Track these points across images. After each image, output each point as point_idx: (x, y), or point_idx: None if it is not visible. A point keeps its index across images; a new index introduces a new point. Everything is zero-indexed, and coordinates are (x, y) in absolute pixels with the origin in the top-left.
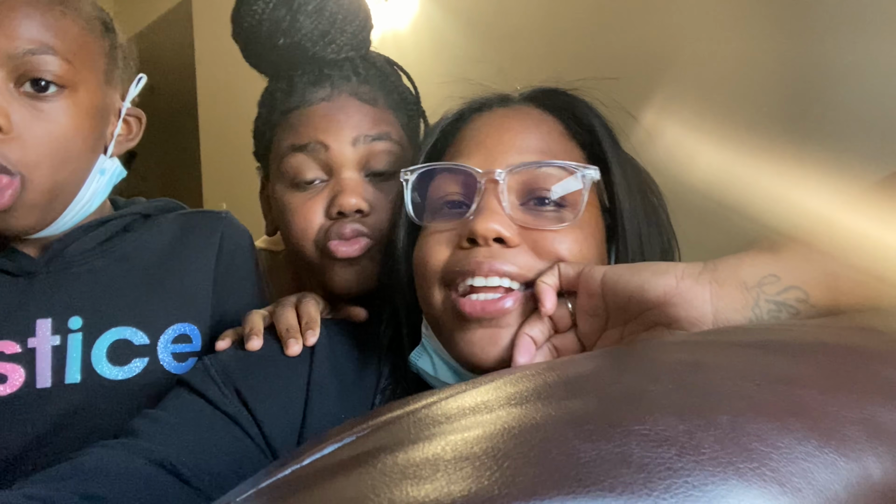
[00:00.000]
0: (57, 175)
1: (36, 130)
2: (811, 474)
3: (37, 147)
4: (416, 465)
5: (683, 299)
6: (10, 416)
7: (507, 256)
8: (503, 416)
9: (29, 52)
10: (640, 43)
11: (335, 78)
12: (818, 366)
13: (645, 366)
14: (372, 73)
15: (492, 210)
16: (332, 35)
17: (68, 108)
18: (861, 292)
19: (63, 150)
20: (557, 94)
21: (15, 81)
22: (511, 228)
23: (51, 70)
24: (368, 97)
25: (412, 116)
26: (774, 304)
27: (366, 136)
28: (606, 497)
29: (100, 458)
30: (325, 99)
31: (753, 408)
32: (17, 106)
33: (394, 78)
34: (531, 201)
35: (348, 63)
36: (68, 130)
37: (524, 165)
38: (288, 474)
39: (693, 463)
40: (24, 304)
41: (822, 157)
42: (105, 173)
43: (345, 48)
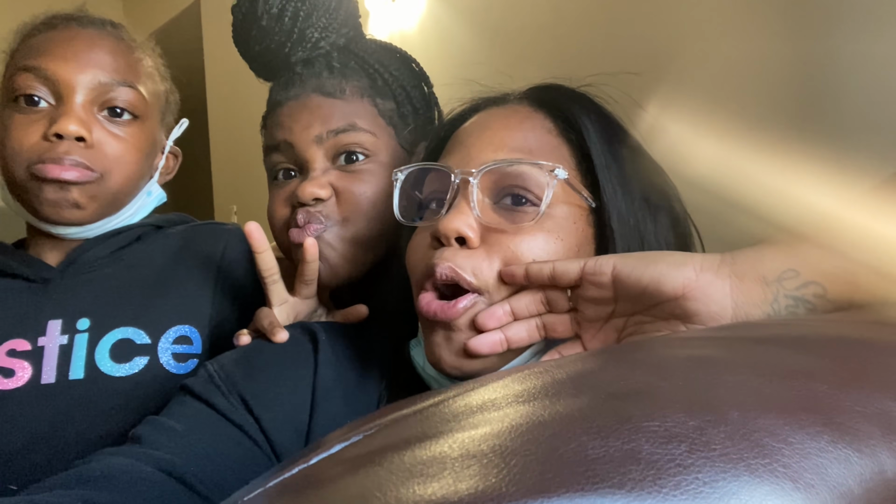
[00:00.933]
0: (123, 184)
1: (110, 146)
2: (824, 470)
3: (110, 158)
4: (422, 464)
5: (703, 293)
6: (14, 409)
7: (465, 258)
8: (511, 413)
9: (115, 84)
10: (647, 41)
11: (304, 76)
12: (831, 360)
13: (654, 362)
14: (350, 63)
15: (459, 210)
16: (299, 34)
17: (134, 134)
18: (877, 287)
19: (131, 165)
20: (551, 89)
21: (98, 106)
22: (473, 228)
23: (128, 101)
24: (334, 90)
25: (406, 99)
26: (793, 299)
27: (329, 131)
28: (615, 494)
29: (107, 466)
30: (292, 98)
31: (765, 403)
32: (97, 125)
33: (379, 65)
34: (506, 199)
35: (322, 58)
36: (132, 151)
37: (494, 164)
38: (295, 473)
39: (703, 459)
40: (38, 306)
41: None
42: (151, 195)
43: (319, 43)
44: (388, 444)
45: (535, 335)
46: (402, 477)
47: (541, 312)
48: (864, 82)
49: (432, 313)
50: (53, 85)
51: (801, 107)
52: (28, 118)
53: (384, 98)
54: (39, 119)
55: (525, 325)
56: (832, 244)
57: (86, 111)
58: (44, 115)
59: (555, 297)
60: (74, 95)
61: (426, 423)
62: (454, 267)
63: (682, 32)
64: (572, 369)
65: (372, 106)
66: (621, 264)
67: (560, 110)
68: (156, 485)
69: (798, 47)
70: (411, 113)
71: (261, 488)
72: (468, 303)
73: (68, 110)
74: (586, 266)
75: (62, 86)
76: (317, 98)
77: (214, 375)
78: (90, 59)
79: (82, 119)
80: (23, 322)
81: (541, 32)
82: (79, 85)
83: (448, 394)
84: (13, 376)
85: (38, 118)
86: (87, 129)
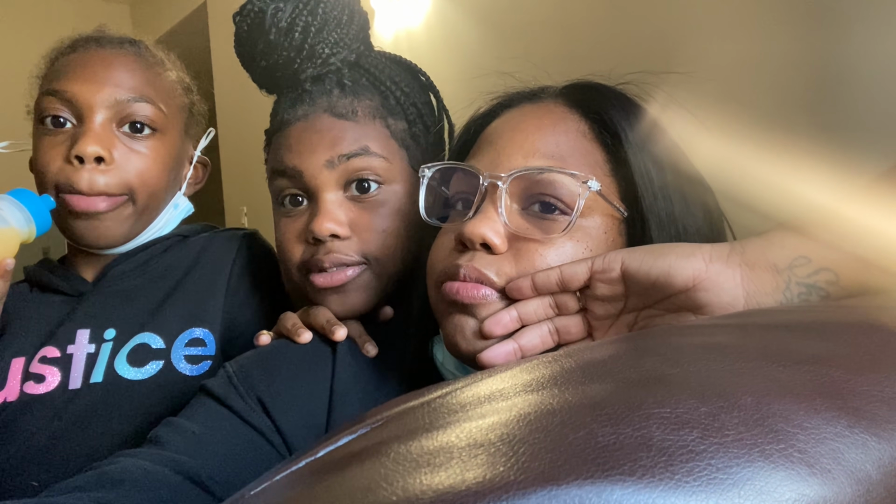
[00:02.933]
0: (150, 200)
1: (132, 163)
2: (841, 455)
3: (133, 174)
4: (429, 454)
5: (714, 283)
6: (42, 412)
7: (491, 262)
8: (519, 403)
9: (133, 100)
10: (655, 36)
11: (314, 94)
12: (846, 345)
13: (664, 350)
14: (362, 81)
15: (485, 215)
16: (309, 49)
17: (157, 148)
18: (889, 273)
19: (154, 180)
20: (589, 89)
21: (117, 123)
22: (500, 235)
23: (147, 115)
24: (346, 111)
25: (417, 117)
26: (805, 286)
27: (340, 155)
28: (626, 481)
29: (124, 468)
30: (301, 118)
31: (779, 389)
32: (118, 143)
33: (391, 82)
34: (534, 206)
35: (332, 75)
36: (155, 165)
37: (525, 171)
38: (302, 466)
39: (716, 445)
40: (71, 317)
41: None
42: (178, 207)
43: (330, 59)
44: (395, 435)
45: (549, 341)
46: (408, 467)
47: (550, 316)
48: (874, 80)
49: (455, 291)
50: (74, 107)
51: (811, 104)
52: (53, 140)
53: (396, 118)
54: (63, 140)
55: (538, 332)
56: (842, 230)
57: (105, 129)
58: (67, 136)
59: (564, 299)
60: (94, 115)
61: (433, 414)
62: (478, 269)
63: (691, 27)
64: (581, 358)
65: (384, 128)
66: (629, 259)
67: (597, 112)
68: (172, 487)
69: (808, 44)
70: (423, 132)
71: (268, 482)
72: (488, 293)
73: (87, 130)
74: (594, 265)
75: (82, 107)
76: (327, 119)
77: (233, 377)
78: (107, 78)
79: (101, 138)
80: (56, 331)
81: (547, 28)
82: (97, 105)
83: (456, 385)
84: (44, 381)
85: (61, 140)
86: (105, 149)
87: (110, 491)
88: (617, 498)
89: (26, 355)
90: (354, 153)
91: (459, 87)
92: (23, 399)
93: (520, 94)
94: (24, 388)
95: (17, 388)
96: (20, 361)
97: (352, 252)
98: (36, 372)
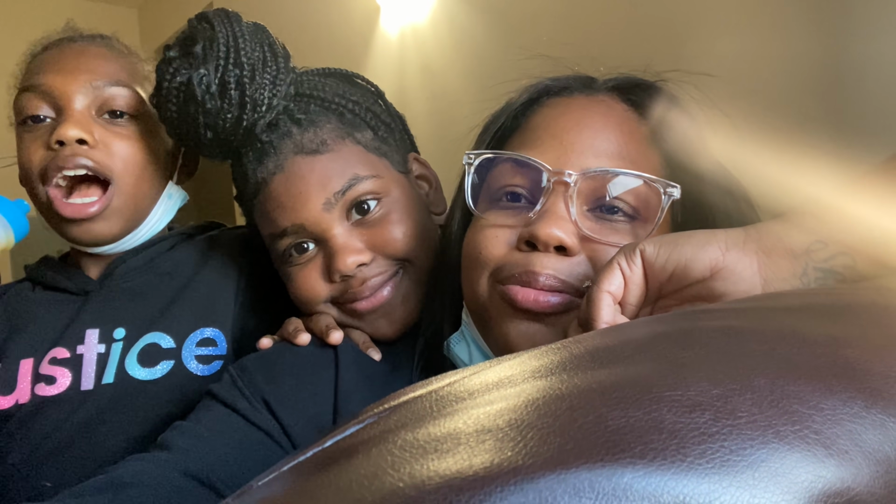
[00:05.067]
0: (139, 185)
1: (115, 145)
2: (858, 436)
3: (119, 157)
4: (436, 440)
5: (731, 272)
6: (54, 413)
7: (566, 266)
8: (527, 389)
9: (108, 84)
10: (662, 29)
11: (275, 142)
12: (861, 326)
13: (675, 334)
14: (312, 108)
15: (557, 215)
16: (251, 101)
17: (139, 132)
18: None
19: (141, 163)
20: (644, 88)
21: (96, 110)
22: (574, 237)
23: (125, 100)
24: (315, 145)
25: (376, 121)
26: (822, 271)
27: (335, 193)
28: (637, 464)
29: (134, 472)
30: (275, 172)
31: (793, 370)
32: (98, 127)
33: (338, 98)
34: (600, 209)
35: (284, 115)
36: (141, 148)
37: (599, 171)
38: (309, 456)
39: (729, 427)
40: (78, 316)
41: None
42: (172, 197)
43: (274, 100)
44: (402, 423)
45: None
46: (415, 454)
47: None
48: (885, 75)
49: (532, 300)
50: (51, 98)
51: (822, 100)
52: (34, 135)
53: (360, 130)
54: (44, 133)
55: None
56: (856, 214)
57: (84, 115)
58: (47, 128)
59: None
60: (72, 103)
61: (441, 401)
62: (558, 275)
63: (700, 20)
64: (590, 344)
65: (356, 144)
66: (648, 250)
67: (655, 114)
68: (182, 490)
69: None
70: (388, 133)
71: (276, 472)
72: (565, 300)
73: (67, 117)
74: (624, 270)
75: (59, 97)
76: (302, 161)
77: (238, 379)
78: (81, 66)
79: (81, 122)
80: (64, 332)
81: (553, 22)
82: (74, 93)
83: (463, 373)
84: (55, 383)
85: (42, 133)
86: (87, 131)
87: (120, 494)
88: (627, 481)
89: (34, 356)
90: (347, 186)
91: (466, 83)
92: (35, 401)
93: (568, 82)
94: (35, 390)
95: (29, 391)
96: (29, 363)
97: (383, 269)
98: (46, 373)
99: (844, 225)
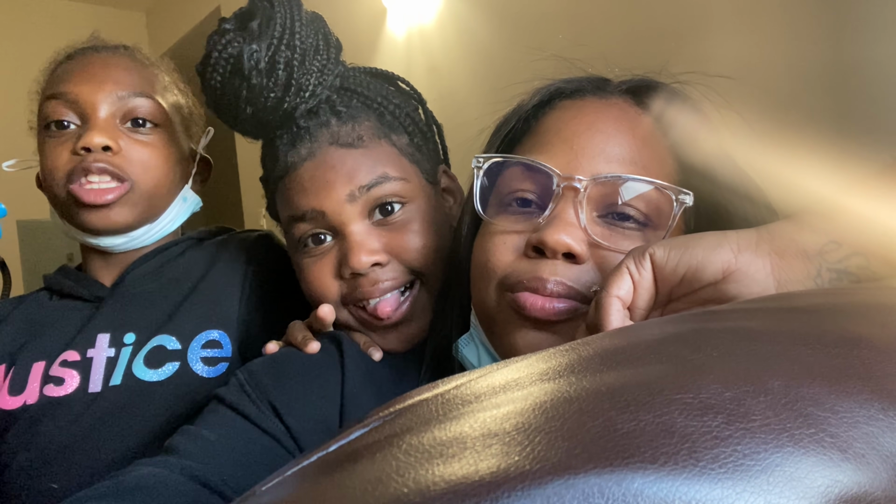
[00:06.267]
0: (156, 188)
1: (137, 152)
2: (875, 439)
3: (139, 162)
4: (442, 444)
5: (744, 275)
6: (61, 414)
7: (574, 273)
8: (534, 392)
9: (132, 95)
10: (667, 31)
11: (312, 129)
12: (877, 327)
13: (686, 336)
14: (354, 103)
15: (566, 221)
16: (296, 84)
17: (160, 140)
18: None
19: (160, 169)
20: (664, 93)
21: (120, 118)
22: (583, 244)
23: (147, 110)
24: (350, 138)
25: (414, 127)
26: (836, 272)
27: (360, 187)
28: (648, 468)
29: (140, 476)
30: (307, 158)
31: (808, 372)
32: (121, 135)
33: (381, 98)
34: (610, 215)
35: (325, 105)
36: (158, 156)
37: (611, 177)
38: (314, 461)
39: (742, 431)
40: (91, 321)
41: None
42: (186, 201)
43: (318, 88)
44: (407, 427)
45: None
46: (420, 458)
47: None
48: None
49: (539, 307)
50: (77, 106)
51: (828, 100)
52: (59, 140)
53: (397, 133)
54: (69, 139)
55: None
56: (868, 214)
57: (109, 124)
58: (72, 134)
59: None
60: (97, 112)
61: (446, 405)
62: (567, 283)
63: (704, 20)
64: (599, 346)
65: (391, 146)
66: (658, 254)
67: (669, 117)
68: (188, 495)
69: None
70: (423, 141)
71: (280, 477)
72: (573, 306)
73: (93, 125)
74: (633, 275)
75: (85, 105)
76: (335, 151)
77: (245, 384)
78: (107, 76)
79: (106, 130)
80: (76, 336)
81: (560, 23)
82: (99, 102)
83: (470, 376)
84: (63, 384)
85: (67, 138)
86: (112, 139)
87: (126, 499)
88: (638, 486)
89: (46, 359)
90: (374, 182)
91: (473, 84)
92: (43, 402)
93: (581, 83)
94: (43, 391)
95: (37, 391)
96: (40, 365)
97: (397, 274)
98: (56, 375)
99: (858, 225)
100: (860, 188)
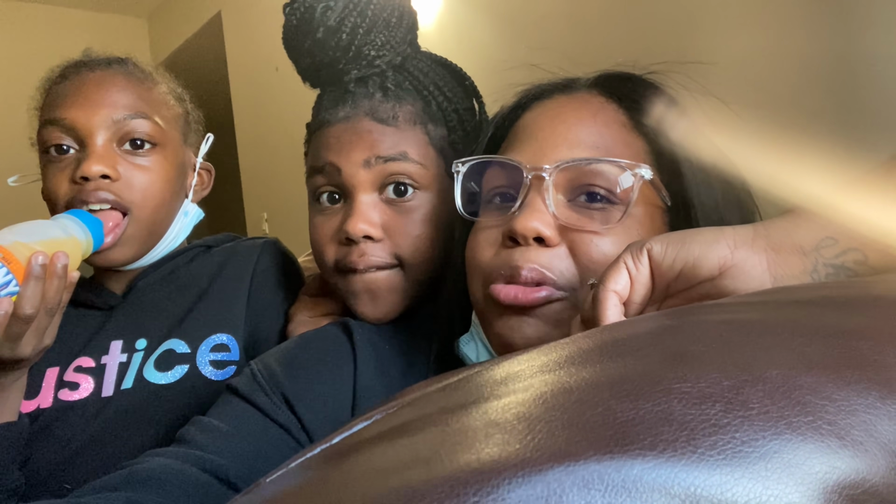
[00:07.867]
0: (155, 214)
1: (137, 178)
2: (873, 427)
3: (139, 189)
4: (444, 435)
5: (740, 270)
6: (75, 418)
7: (547, 257)
8: (535, 383)
9: (129, 117)
10: (668, 29)
11: (357, 96)
12: (875, 318)
13: (686, 328)
14: (405, 84)
15: (534, 208)
16: (355, 51)
17: (159, 162)
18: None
19: (159, 193)
20: (624, 79)
21: (117, 142)
22: (552, 227)
23: (145, 131)
24: (387, 115)
25: (458, 124)
26: (833, 267)
27: (378, 157)
28: (647, 456)
29: (152, 467)
30: (342, 120)
31: (806, 361)
32: (121, 160)
33: (434, 87)
34: (581, 197)
35: (376, 78)
36: (161, 178)
37: (572, 162)
38: (317, 453)
39: (740, 419)
40: (104, 329)
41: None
42: (188, 215)
43: (375, 61)
44: (410, 419)
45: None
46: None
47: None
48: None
49: (512, 296)
50: (74, 132)
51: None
52: (58, 166)
53: (437, 124)
54: (68, 165)
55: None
56: (865, 209)
57: (107, 150)
58: (71, 160)
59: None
60: (94, 138)
61: (449, 398)
62: (540, 269)
63: (705, 19)
64: (599, 338)
65: (424, 134)
66: (655, 249)
67: (635, 102)
68: (200, 485)
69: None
70: (461, 139)
71: (284, 468)
72: (548, 293)
73: (90, 153)
74: (630, 270)
75: (82, 131)
76: (368, 123)
77: (258, 374)
78: (102, 99)
79: (104, 158)
80: (90, 343)
81: (559, 24)
82: (96, 127)
83: (472, 370)
84: (77, 389)
85: (66, 165)
86: (110, 167)
87: (138, 490)
88: (637, 473)
89: (60, 365)
90: (392, 157)
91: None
92: (57, 406)
93: (551, 86)
94: (58, 395)
95: (51, 395)
96: (54, 371)
97: (384, 254)
98: (70, 380)
99: (854, 221)
100: (857, 184)
